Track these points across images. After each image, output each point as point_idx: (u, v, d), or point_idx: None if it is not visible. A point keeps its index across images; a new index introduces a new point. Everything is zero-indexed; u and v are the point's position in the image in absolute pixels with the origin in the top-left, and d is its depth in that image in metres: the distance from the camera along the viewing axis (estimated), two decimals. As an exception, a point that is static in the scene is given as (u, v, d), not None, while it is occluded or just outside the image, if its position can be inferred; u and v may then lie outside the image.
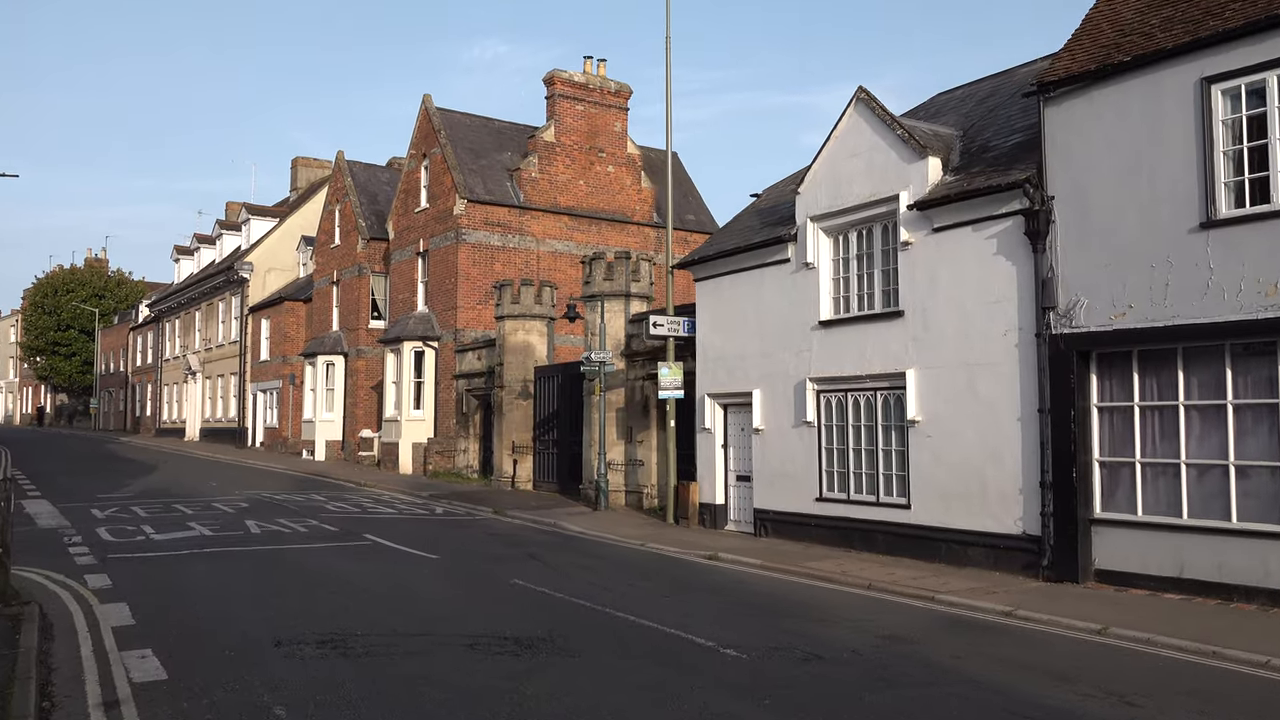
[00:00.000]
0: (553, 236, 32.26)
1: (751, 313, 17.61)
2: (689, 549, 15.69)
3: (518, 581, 12.00)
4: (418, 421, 31.41)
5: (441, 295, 31.41)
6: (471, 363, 29.43)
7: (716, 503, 18.45)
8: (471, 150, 32.38)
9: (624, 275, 22.34)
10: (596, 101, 33.41)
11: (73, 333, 72.64)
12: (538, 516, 20.09)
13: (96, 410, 70.75)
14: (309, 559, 13.56)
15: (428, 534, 16.92)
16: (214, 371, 49.77)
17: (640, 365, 21.81)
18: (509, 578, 12.35)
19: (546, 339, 26.87)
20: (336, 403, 37.49)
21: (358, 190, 38.00)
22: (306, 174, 52.56)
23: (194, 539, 15.20)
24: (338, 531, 16.48)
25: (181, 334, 54.82)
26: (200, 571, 12.41)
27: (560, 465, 25.10)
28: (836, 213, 15.89)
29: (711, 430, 18.57)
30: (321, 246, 40.26)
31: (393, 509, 20.89)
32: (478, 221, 30.82)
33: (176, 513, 18.85)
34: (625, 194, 34.02)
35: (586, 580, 12.41)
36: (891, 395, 14.95)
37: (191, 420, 51.89)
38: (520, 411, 26.27)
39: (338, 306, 38.67)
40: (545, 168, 32.30)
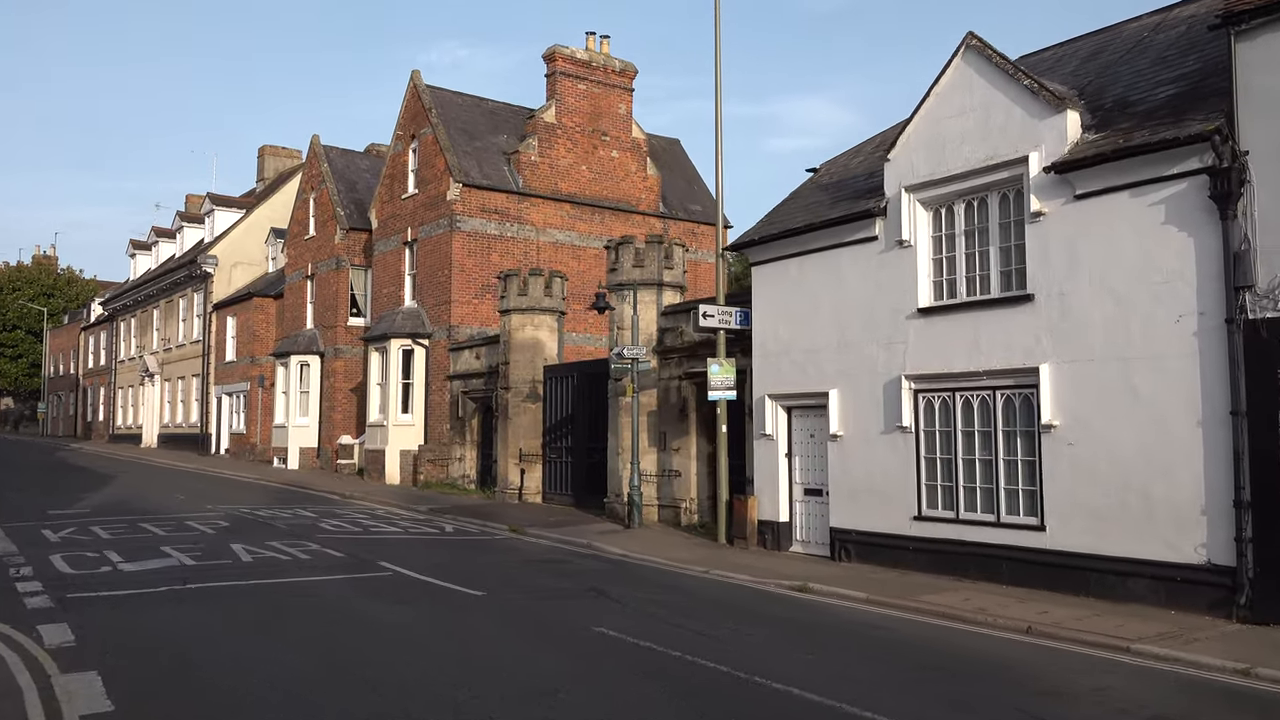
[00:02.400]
0: (554, 226, 29.67)
1: (826, 300, 15.20)
2: (765, 578, 13.24)
3: (603, 630, 9.43)
4: (406, 427, 28.62)
5: (433, 289, 28.68)
6: (469, 362, 26.74)
7: (779, 520, 15.99)
8: (465, 132, 29.71)
9: (656, 262, 19.82)
10: (600, 81, 30.90)
11: (19, 333, 68.57)
12: (565, 536, 17.52)
13: (44, 415, 66.74)
14: (325, 599, 10.88)
15: (451, 560, 14.27)
16: (174, 373, 46.44)
17: (676, 363, 19.31)
18: (587, 623, 9.77)
19: (557, 335, 24.27)
20: (312, 406, 34.54)
21: (335, 177, 35.12)
22: (274, 163, 49.40)
23: (173, 570, 12.43)
24: (345, 559, 13.78)
25: (138, 334, 51.35)
26: (190, 620, 9.68)
27: (576, 476, 22.50)
28: (939, 181, 13.52)
29: (773, 436, 16.11)
30: (294, 238, 37.28)
31: (396, 527, 18.19)
32: (473, 208, 28.15)
33: (145, 534, 16.01)
34: (630, 181, 31.52)
35: (680, 625, 9.88)
36: (1016, 395, 12.59)
37: (149, 426, 48.45)
38: (528, 416, 23.63)
39: (313, 302, 35.72)
40: (545, 151, 29.71)
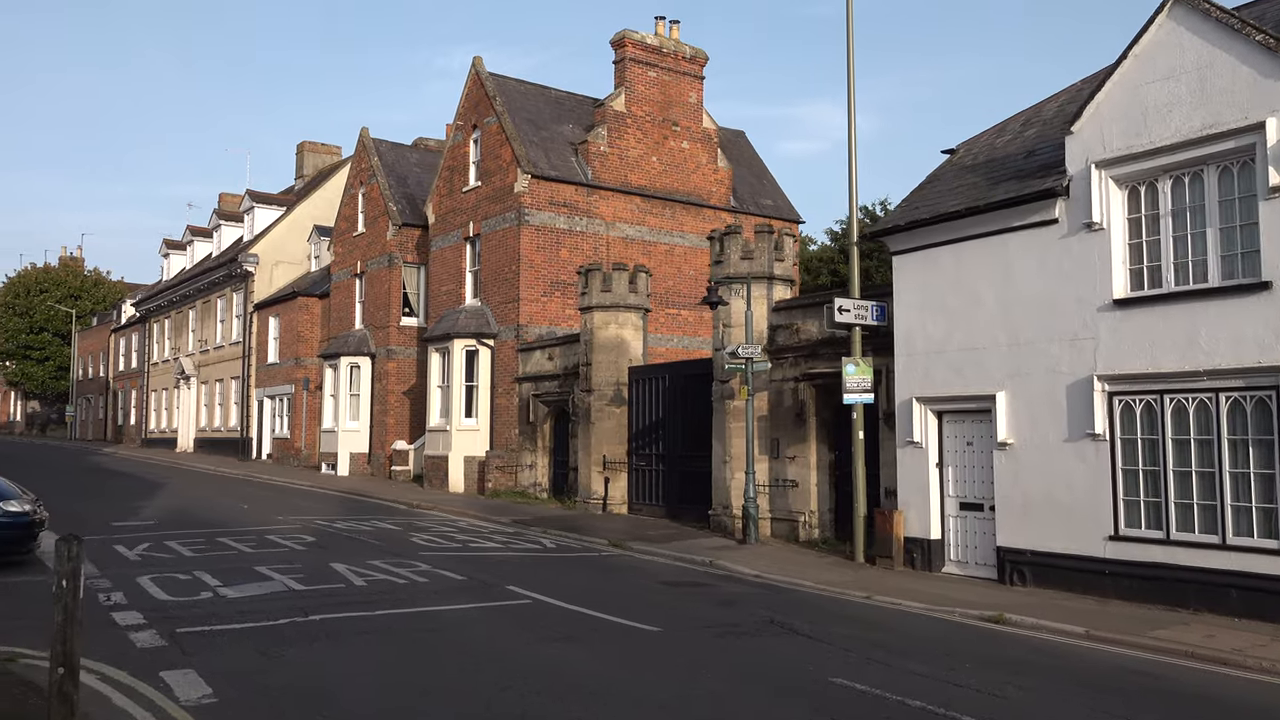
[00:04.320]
0: (623, 220, 28.14)
1: (989, 292, 13.60)
2: (941, 605, 11.66)
3: (841, 681, 7.86)
4: (470, 432, 27.11)
5: (498, 286, 27.18)
6: (540, 363, 25.23)
7: (929, 538, 14.38)
8: (530, 121, 28.22)
9: (766, 254, 18.27)
10: (670, 68, 29.36)
11: (46, 335, 67.41)
12: (677, 552, 15.96)
13: (73, 418, 65.58)
14: (477, 636, 9.32)
15: (581, 583, 12.73)
16: (211, 376, 45.10)
17: (791, 363, 17.73)
18: (812, 671, 8.20)
19: (641, 334, 22.74)
20: (362, 410, 33.09)
21: (385, 171, 33.70)
22: (313, 160, 48.05)
23: (283, 598, 10.91)
24: (466, 581, 12.24)
25: (172, 335, 50.07)
26: (336, 666, 8.13)
27: (668, 485, 20.94)
28: (1140, 155, 11.93)
29: (921, 444, 14.51)
30: (342, 235, 35.85)
31: (492, 543, 16.65)
32: (542, 201, 26.64)
33: (229, 550, 14.52)
34: (701, 173, 29.97)
35: (916, 672, 8.30)
36: (1247, 398, 10.97)
37: (185, 429, 47.13)
38: (612, 420, 22.09)
39: (362, 301, 34.29)
40: (615, 141, 28.19)
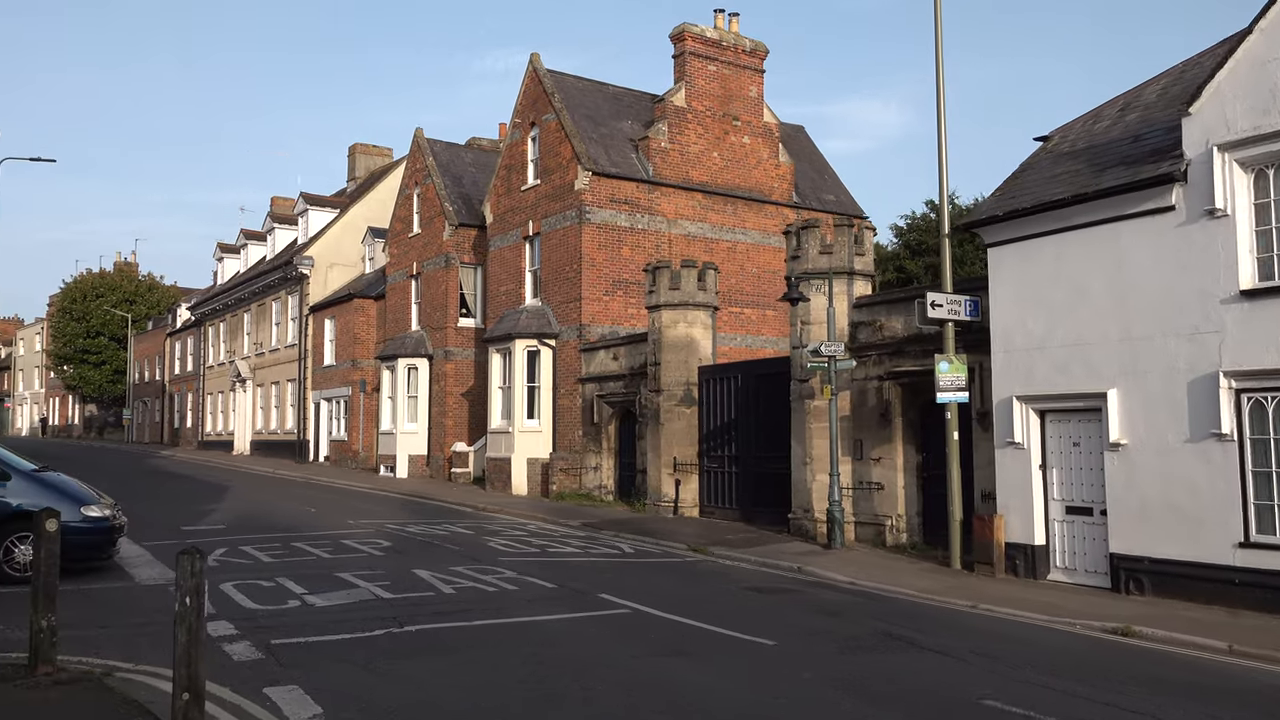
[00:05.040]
0: (685, 217, 27.62)
1: (1097, 284, 12.90)
2: (1060, 616, 11.01)
3: (997, 705, 7.26)
4: (533, 433, 26.73)
5: (559, 285, 26.77)
6: (604, 363, 24.78)
7: (1033, 543, 13.69)
8: (589, 118, 27.79)
9: (846, 248, 17.65)
10: (730, 61, 28.80)
11: (102, 340, 68.27)
12: (761, 557, 15.40)
13: (129, 421, 66.33)
14: (583, 648, 8.83)
15: (674, 591, 12.23)
16: (266, 378, 45.24)
17: (875, 361, 17.10)
18: (959, 692, 7.63)
19: (711, 333, 22.19)
20: (420, 412, 32.87)
21: (440, 171, 33.47)
22: (365, 162, 48.09)
23: (373, 607, 10.52)
24: (558, 590, 11.78)
25: (228, 338, 50.35)
26: (443, 681, 7.65)
27: (741, 487, 20.37)
28: (1269, 135, 11.19)
29: (1022, 445, 13.83)
30: (397, 236, 35.71)
31: (570, 547, 16.20)
32: (603, 198, 26.20)
33: (308, 556, 14.20)
34: (762, 169, 29.37)
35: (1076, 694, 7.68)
36: (1398, 394, 10.21)
37: (241, 432, 47.34)
38: (682, 421, 21.56)
39: (418, 302, 34.10)
40: (676, 136, 27.67)
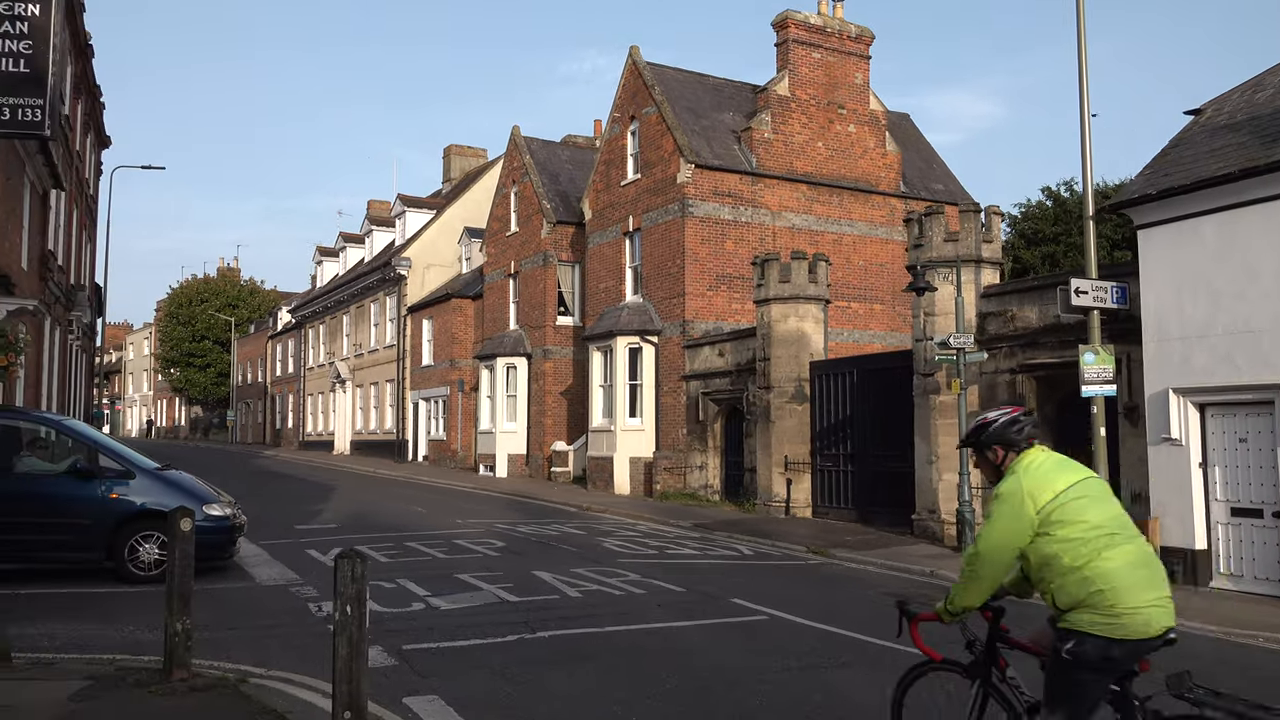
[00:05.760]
0: (789, 209, 26.86)
1: (1270, 265, 11.81)
2: (1237, 627, 10.05)
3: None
4: (635, 432, 26.27)
5: (661, 281, 26.26)
6: (709, 360, 24.18)
7: (1193, 548, 12.64)
8: (690, 110, 27.22)
9: (973, 235, 16.73)
10: (835, 48, 27.92)
11: (207, 343, 70.32)
12: (887, 560, 14.62)
13: (233, 423, 68.12)
14: (731, 659, 8.21)
15: (806, 595, 11.58)
16: (365, 379, 45.80)
17: (1005, 354, 16.15)
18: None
19: (822, 327, 21.42)
20: (519, 411, 32.73)
21: (538, 169, 33.28)
22: (460, 163, 48.42)
23: (500, 610, 10.10)
24: (687, 594, 11.22)
25: (327, 340, 51.20)
26: (591, 694, 7.13)
27: (858, 487, 19.57)
28: None
29: (1179, 441, 12.79)
30: (494, 235, 35.67)
31: (686, 548, 15.65)
32: (706, 191, 25.61)
33: (424, 556, 13.92)
34: (868, 158, 28.42)
35: None
36: None
37: (341, 432, 48.05)
38: (794, 419, 20.83)
39: (516, 301, 33.99)
40: (779, 127, 26.92)
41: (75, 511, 11.51)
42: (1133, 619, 4.13)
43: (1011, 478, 4.47)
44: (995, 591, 4.64)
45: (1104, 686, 4.27)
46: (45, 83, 5.96)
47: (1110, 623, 4.14)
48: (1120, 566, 4.19)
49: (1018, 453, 4.56)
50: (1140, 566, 4.24)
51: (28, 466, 12.09)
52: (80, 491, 11.59)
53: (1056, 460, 4.51)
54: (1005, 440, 4.58)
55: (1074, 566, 4.22)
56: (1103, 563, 4.19)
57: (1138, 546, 4.30)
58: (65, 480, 11.68)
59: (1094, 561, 4.20)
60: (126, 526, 11.60)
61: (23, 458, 12.19)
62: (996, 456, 4.62)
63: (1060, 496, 4.31)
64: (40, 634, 8.80)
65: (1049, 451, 4.57)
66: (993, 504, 4.47)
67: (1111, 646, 4.15)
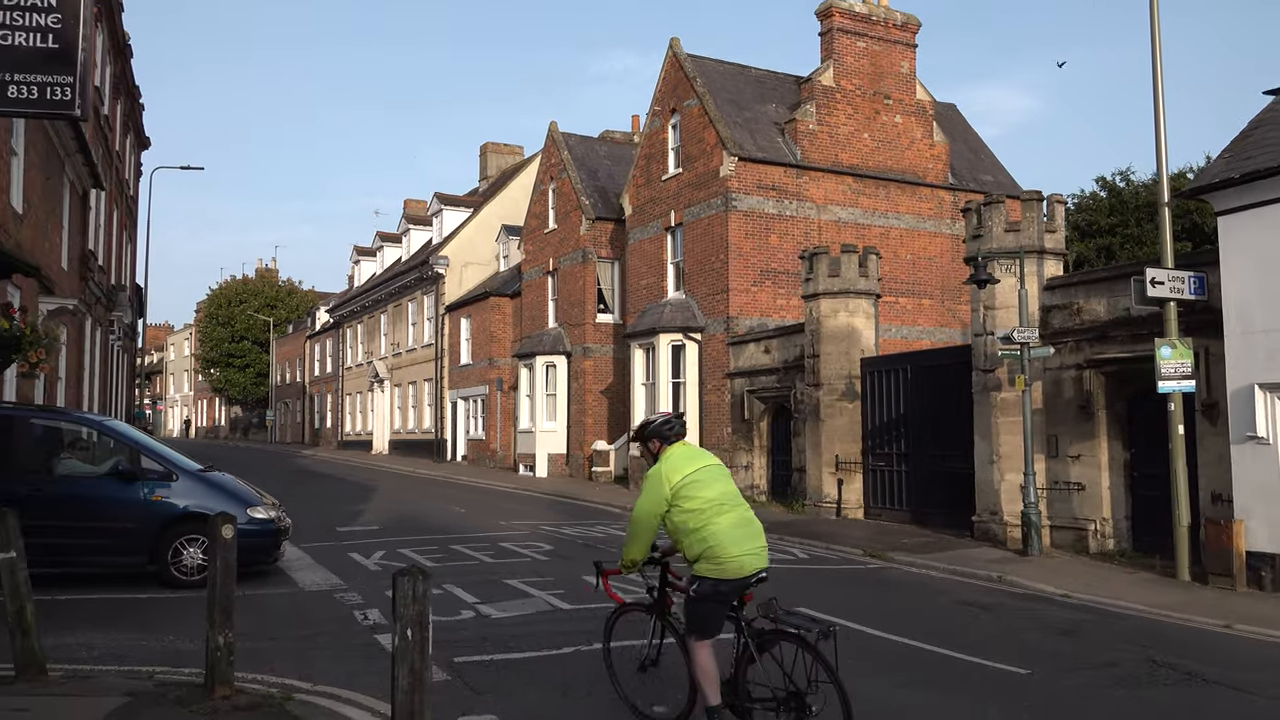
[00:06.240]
0: (835, 202, 26.19)
1: (1366, 252, 11.08)
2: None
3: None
4: (678, 431, 25.70)
5: (704, 277, 25.71)
6: (754, 357, 23.60)
7: (1281, 552, 11.94)
8: (732, 102, 26.64)
9: (1035, 225, 16.05)
10: (880, 37, 27.20)
11: (246, 344, 70.66)
12: (951, 564, 13.98)
13: (272, 422, 68.40)
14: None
15: (871, 602, 11.02)
16: (404, 378, 45.65)
17: (1071, 349, 15.45)
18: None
19: (873, 323, 20.77)
20: (559, 410, 32.31)
21: (576, 165, 32.84)
22: (496, 160, 48.11)
23: (551, 618, 9.64)
24: (747, 601, 10.69)
25: (365, 339, 51.13)
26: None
27: (912, 487, 18.91)
28: None
29: (1266, 440, 12.07)
30: (533, 233, 35.27)
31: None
32: (749, 184, 25.01)
33: (469, 560, 13.50)
34: (915, 149, 27.68)
35: None
36: None
37: (379, 432, 47.94)
38: (844, 417, 20.21)
39: (555, 299, 33.56)
40: (824, 118, 26.26)
41: (118, 515, 11.20)
42: (733, 564, 5.63)
43: (657, 464, 5.96)
44: (665, 550, 6.21)
45: (723, 612, 5.78)
46: (75, 59, 5.55)
47: (718, 568, 5.64)
48: (725, 529, 5.67)
49: (668, 445, 6.03)
50: (739, 527, 5.72)
51: (69, 469, 11.82)
52: (122, 494, 11.28)
53: (690, 452, 6.00)
54: (661, 435, 6.06)
55: (695, 529, 5.70)
56: (713, 526, 5.66)
57: (739, 514, 5.79)
58: (107, 482, 11.39)
59: (708, 526, 5.67)
60: (170, 530, 11.28)
61: (63, 460, 11.92)
62: (655, 447, 6.07)
63: (686, 478, 5.79)
64: (78, 643, 8.46)
65: (687, 445, 6.07)
66: (644, 482, 5.97)
67: (721, 584, 5.66)
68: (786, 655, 5.58)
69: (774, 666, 5.64)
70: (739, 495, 5.92)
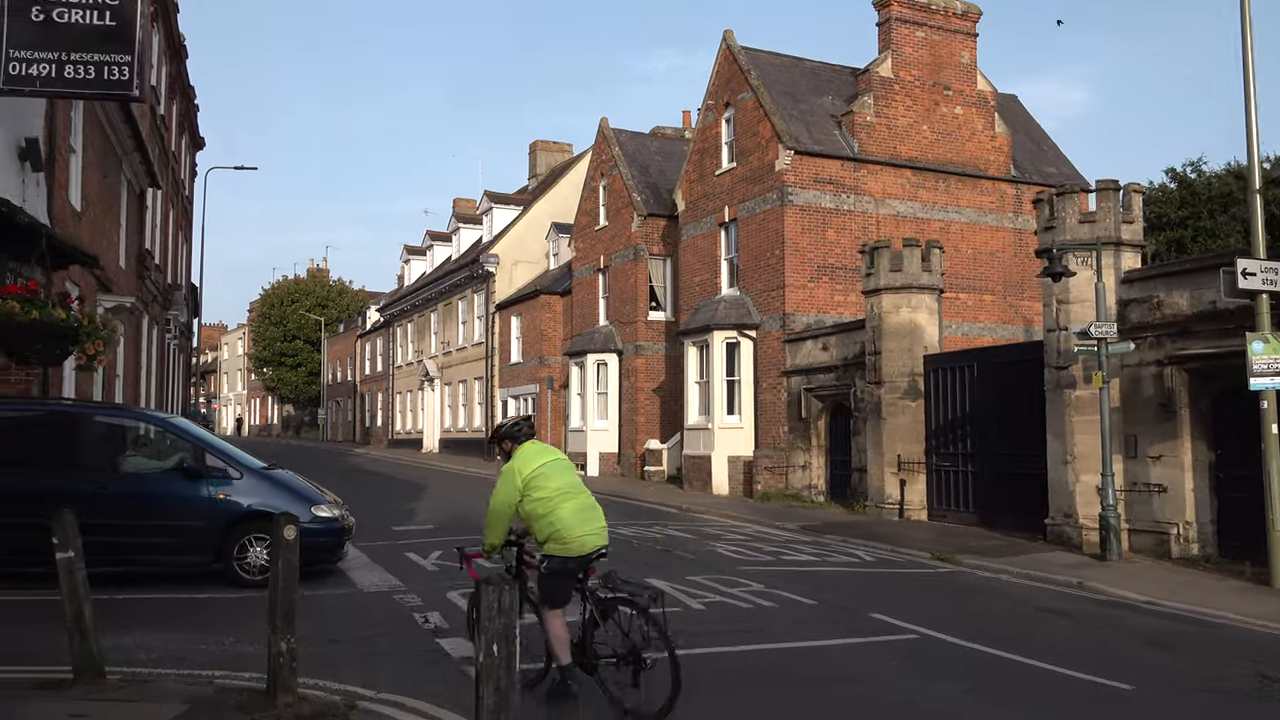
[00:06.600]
0: (893, 196, 25.59)
1: None
2: None
3: None
4: (733, 430, 25.32)
5: (759, 273, 25.24)
6: (812, 354, 23.10)
7: (1387, 558, 11.24)
8: (787, 94, 26.13)
9: (1111, 215, 15.40)
10: (940, 26, 26.54)
11: (298, 343, 71.37)
12: (1024, 568, 13.45)
13: (324, 421, 69.01)
14: (895, 689, 7.24)
15: (949, 608, 10.54)
16: (454, 377, 45.68)
17: (1150, 344, 14.80)
18: None
19: (936, 318, 20.21)
20: (610, 409, 32.02)
21: (627, 161, 32.51)
22: (546, 158, 47.98)
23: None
24: (819, 606, 10.29)
25: (415, 338, 51.29)
26: None
27: (979, 488, 18.32)
28: None
29: (1368, 439, 11.40)
30: (583, 230, 35.01)
31: (801, 554, 14.68)
32: (806, 178, 24.50)
33: (527, 561, 13.22)
34: (976, 141, 26.97)
35: None
36: None
37: (430, 430, 48.05)
38: (906, 415, 19.67)
39: (606, 296, 33.26)
40: (882, 110, 25.67)
41: (183, 513, 11.04)
42: (576, 543, 6.49)
43: (511, 460, 6.76)
44: (519, 534, 6.94)
45: (570, 585, 6.62)
46: (133, 37, 5.32)
47: (564, 548, 6.49)
48: (569, 513, 6.52)
49: (519, 444, 6.82)
50: (581, 512, 6.58)
51: (134, 466, 11.69)
52: (188, 492, 11.12)
53: (538, 449, 6.83)
54: (512, 436, 6.89)
55: (544, 514, 6.54)
56: (560, 512, 6.50)
57: (581, 500, 6.63)
58: (173, 480, 11.25)
59: (555, 511, 6.50)
60: (235, 528, 11.12)
61: (129, 457, 11.80)
62: (507, 447, 6.88)
63: (535, 471, 6.60)
64: (136, 645, 8.27)
65: (535, 443, 6.88)
66: (500, 477, 6.77)
67: (569, 561, 6.51)
68: (625, 619, 6.47)
69: (615, 629, 6.52)
70: (581, 484, 6.80)
